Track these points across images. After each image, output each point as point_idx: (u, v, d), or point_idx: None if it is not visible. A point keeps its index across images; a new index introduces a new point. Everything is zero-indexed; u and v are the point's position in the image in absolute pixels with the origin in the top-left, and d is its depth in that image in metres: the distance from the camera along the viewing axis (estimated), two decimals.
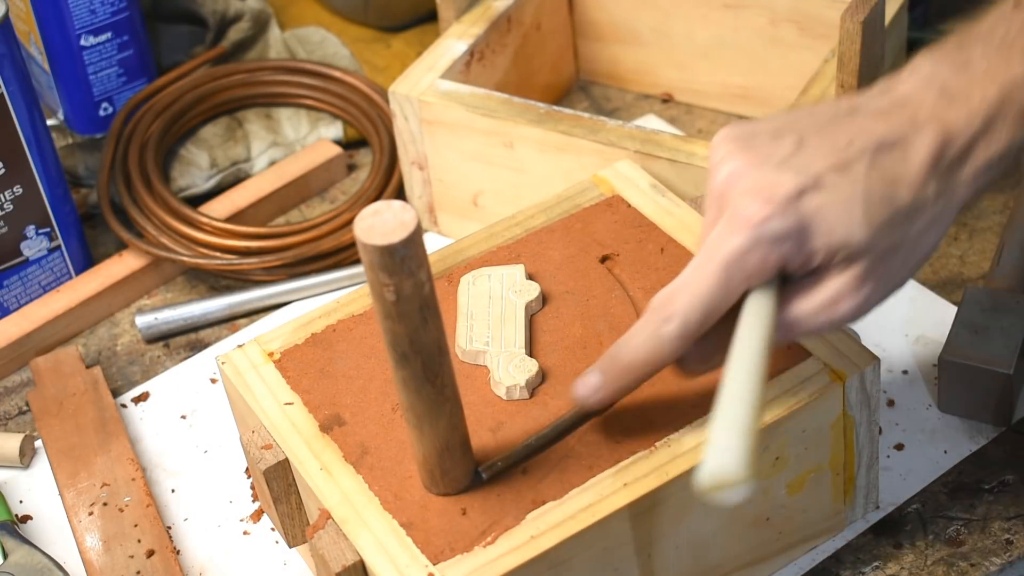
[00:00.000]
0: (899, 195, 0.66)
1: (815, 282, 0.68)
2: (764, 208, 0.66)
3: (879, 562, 0.82)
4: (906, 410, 0.90)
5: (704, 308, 0.67)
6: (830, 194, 0.66)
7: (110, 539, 0.87)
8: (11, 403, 1.00)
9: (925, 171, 0.67)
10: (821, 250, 0.66)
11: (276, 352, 0.83)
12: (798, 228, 0.66)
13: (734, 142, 0.69)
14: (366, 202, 1.08)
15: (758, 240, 0.66)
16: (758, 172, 0.67)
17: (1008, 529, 0.83)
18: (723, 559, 0.79)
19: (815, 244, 0.66)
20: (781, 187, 0.66)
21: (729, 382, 0.65)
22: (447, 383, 0.69)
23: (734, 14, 1.09)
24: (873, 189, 0.66)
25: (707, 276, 0.67)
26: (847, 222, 0.66)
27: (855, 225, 0.66)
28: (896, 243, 0.67)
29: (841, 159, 0.67)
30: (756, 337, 0.67)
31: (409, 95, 1.01)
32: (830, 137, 0.67)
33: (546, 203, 0.91)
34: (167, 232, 1.07)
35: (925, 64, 0.69)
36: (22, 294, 1.05)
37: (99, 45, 1.12)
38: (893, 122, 0.67)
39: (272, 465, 0.77)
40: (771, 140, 0.68)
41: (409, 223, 0.62)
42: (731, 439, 0.62)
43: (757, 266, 0.67)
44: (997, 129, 0.67)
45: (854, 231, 0.66)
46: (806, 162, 0.67)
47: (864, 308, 0.68)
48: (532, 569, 0.70)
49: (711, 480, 0.62)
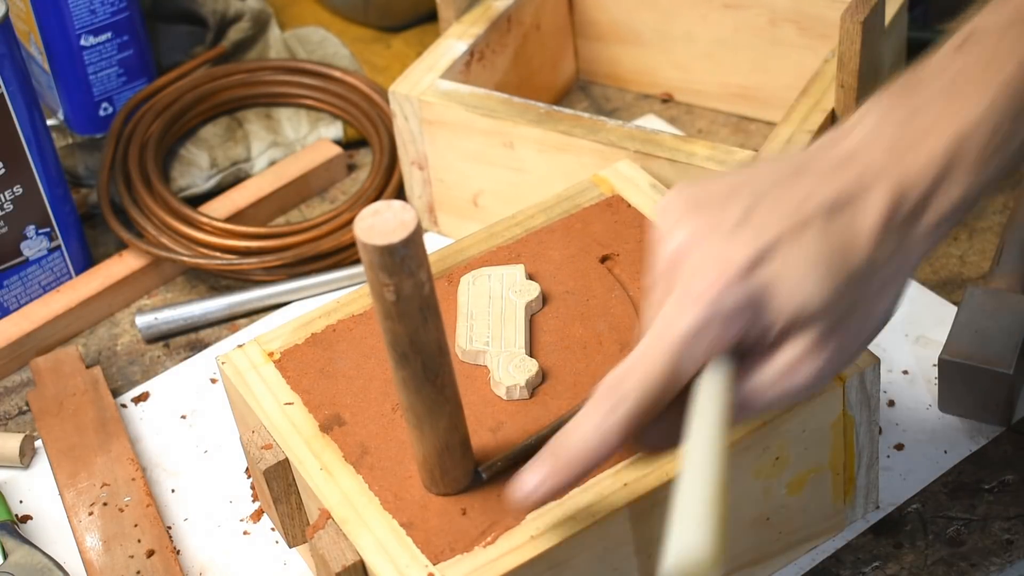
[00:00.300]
0: (854, 256, 0.64)
1: (772, 351, 0.65)
2: (716, 283, 0.63)
3: (879, 562, 0.82)
4: (906, 410, 0.90)
5: (656, 391, 0.64)
6: (784, 261, 0.63)
7: (110, 539, 0.87)
8: (11, 403, 1.00)
9: (879, 230, 0.64)
10: (778, 320, 0.64)
11: (276, 352, 0.83)
12: (753, 300, 0.63)
13: (684, 207, 0.66)
14: (366, 202, 1.08)
15: (712, 317, 0.63)
16: (708, 243, 0.64)
17: (1008, 529, 0.83)
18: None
19: (771, 315, 0.63)
20: (733, 259, 0.63)
21: (688, 464, 0.61)
22: (447, 383, 0.69)
23: (734, 14, 1.09)
24: (827, 252, 0.64)
25: (658, 357, 0.64)
26: (803, 288, 0.63)
27: (811, 290, 0.63)
28: (853, 304, 0.64)
29: (793, 223, 0.64)
30: (712, 413, 0.63)
31: (409, 95, 1.01)
32: (781, 199, 0.65)
33: (546, 203, 0.91)
34: (167, 232, 1.07)
35: (872, 115, 0.66)
36: (22, 294, 1.05)
37: (99, 45, 1.12)
38: (843, 180, 0.65)
39: (272, 465, 0.77)
40: (721, 204, 0.65)
41: (409, 223, 0.62)
42: (694, 526, 0.59)
43: (712, 344, 0.63)
44: (952, 180, 0.64)
45: (811, 297, 0.63)
46: (757, 229, 0.64)
47: (823, 374, 0.65)
48: (532, 569, 0.70)
49: (677, 570, 0.58)
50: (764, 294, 0.63)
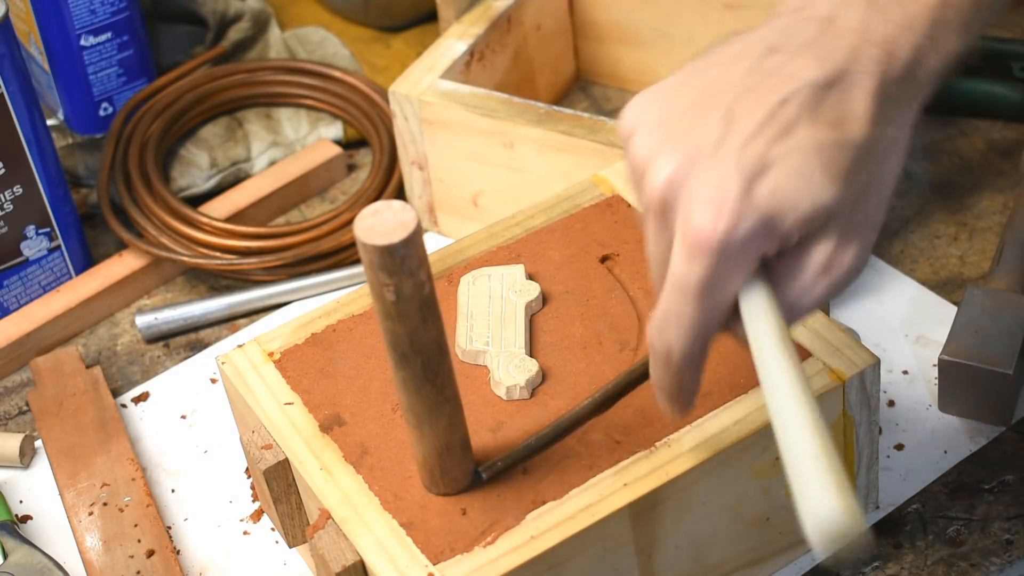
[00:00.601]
0: (851, 137, 0.60)
1: (801, 254, 0.62)
2: (719, 220, 0.59)
3: (879, 562, 0.82)
4: (906, 410, 0.90)
5: (698, 337, 0.62)
6: (781, 169, 0.59)
7: (110, 539, 0.87)
8: (11, 403, 1.00)
9: (873, 103, 0.60)
10: (795, 228, 0.60)
11: (276, 352, 0.83)
12: (762, 222, 0.59)
13: (658, 129, 0.62)
14: (366, 202, 1.08)
15: (724, 257, 0.60)
16: (698, 173, 0.60)
17: (1008, 529, 0.83)
18: (723, 559, 0.79)
19: (786, 226, 0.60)
20: (728, 187, 0.59)
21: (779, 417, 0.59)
22: (447, 383, 0.69)
23: (734, 14, 1.09)
24: (823, 143, 0.59)
25: (688, 309, 0.62)
26: (810, 190, 0.59)
27: (819, 188, 0.59)
28: (865, 185, 0.61)
29: (779, 125, 0.59)
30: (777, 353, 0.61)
31: (409, 95, 1.01)
32: (759, 99, 0.60)
33: (546, 203, 0.91)
34: (167, 232, 1.07)
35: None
36: (22, 294, 1.05)
37: (99, 45, 1.12)
38: (824, 56, 0.60)
39: (272, 465, 0.77)
40: (696, 119, 0.61)
41: (409, 223, 0.62)
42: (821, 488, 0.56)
43: (733, 278, 0.61)
44: (941, 39, 0.60)
45: (820, 194, 0.59)
46: (742, 141, 0.59)
47: (860, 258, 0.62)
48: (532, 569, 0.70)
49: (826, 537, 0.55)
50: (772, 210, 0.59)
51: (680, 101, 0.62)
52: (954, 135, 1.11)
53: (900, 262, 1.01)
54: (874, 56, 0.60)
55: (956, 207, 1.05)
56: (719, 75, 0.62)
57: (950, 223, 1.04)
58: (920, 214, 1.05)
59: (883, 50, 0.60)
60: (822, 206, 0.60)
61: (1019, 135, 1.11)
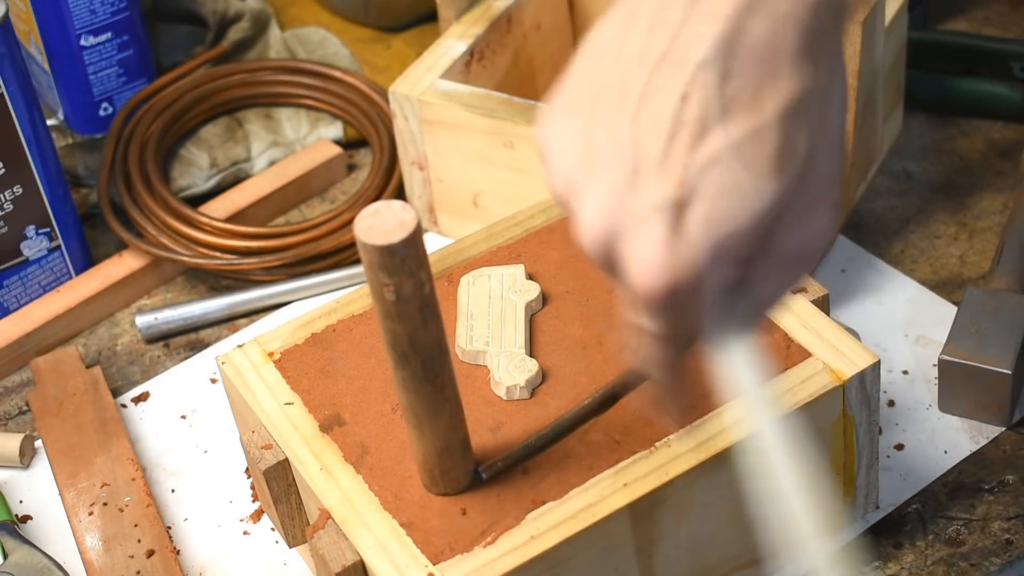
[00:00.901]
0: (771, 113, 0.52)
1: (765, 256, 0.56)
2: (657, 278, 0.53)
3: (879, 562, 0.82)
4: (906, 410, 0.90)
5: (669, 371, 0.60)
6: (705, 191, 0.53)
7: (110, 539, 0.87)
8: (11, 403, 1.00)
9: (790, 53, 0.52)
10: (744, 247, 0.54)
11: (276, 352, 0.83)
12: (706, 259, 0.53)
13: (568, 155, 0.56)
14: (366, 202, 1.08)
15: (677, 307, 0.55)
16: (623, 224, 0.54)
17: (1008, 529, 0.83)
18: (723, 559, 0.79)
19: (734, 251, 0.54)
20: (655, 236, 0.53)
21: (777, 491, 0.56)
22: (447, 383, 0.69)
23: None
24: (741, 138, 0.52)
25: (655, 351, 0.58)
26: (743, 202, 0.53)
27: (753, 195, 0.53)
28: (807, 152, 0.54)
29: (689, 132, 0.53)
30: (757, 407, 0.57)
31: (409, 95, 1.01)
32: (659, 103, 0.53)
33: (546, 203, 0.91)
34: (167, 232, 1.07)
35: None
36: (22, 294, 1.05)
37: (99, 45, 1.12)
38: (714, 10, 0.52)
39: (272, 465, 0.77)
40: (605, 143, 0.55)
41: (409, 223, 0.62)
42: None
43: (695, 319, 0.56)
44: None
45: (757, 201, 0.53)
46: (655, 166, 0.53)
47: (830, 227, 0.56)
48: (532, 569, 0.70)
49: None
50: (710, 243, 0.53)
51: (582, 111, 0.57)
52: (954, 135, 1.11)
53: (900, 262, 1.01)
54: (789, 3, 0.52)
55: (956, 207, 1.05)
56: (613, 65, 0.56)
57: (950, 223, 1.04)
58: (920, 214, 1.05)
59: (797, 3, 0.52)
60: (763, 211, 0.53)
61: (1019, 135, 1.11)
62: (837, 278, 1.00)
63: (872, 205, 1.05)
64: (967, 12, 1.23)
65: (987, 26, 1.21)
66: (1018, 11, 1.23)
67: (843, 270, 1.00)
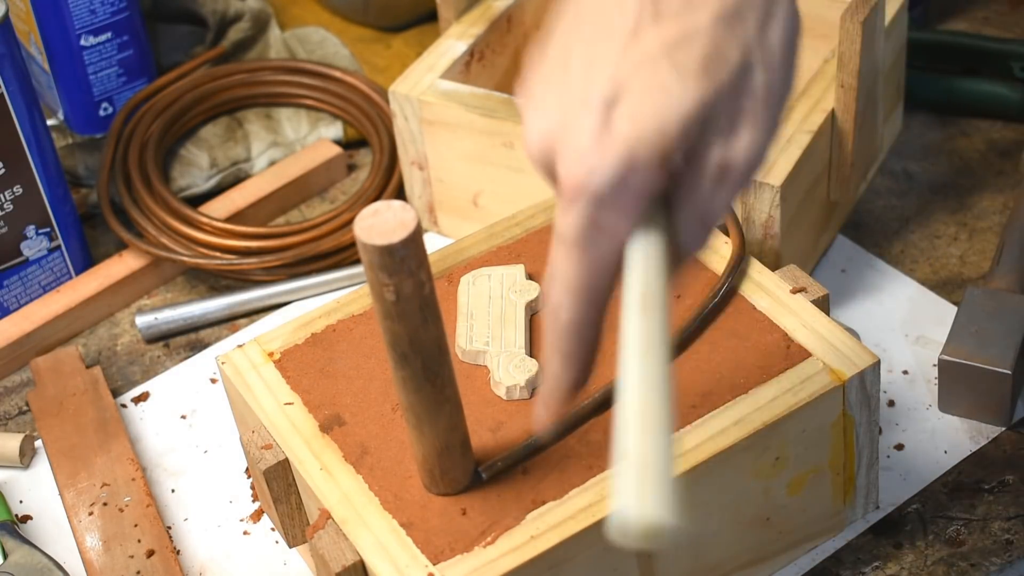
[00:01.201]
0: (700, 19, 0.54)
1: (691, 168, 0.56)
2: (581, 166, 0.54)
3: (879, 562, 0.82)
4: (906, 410, 0.90)
5: (583, 298, 0.58)
6: (634, 90, 0.54)
7: (110, 539, 0.87)
8: (11, 403, 1.00)
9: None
10: (670, 148, 0.54)
11: (276, 352, 0.83)
12: (629, 155, 0.54)
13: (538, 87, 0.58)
14: (366, 202, 1.08)
15: (598, 203, 0.55)
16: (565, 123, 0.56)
17: (1008, 529, 0.83)
18: (723, 559, 0.79)
19: (663, 150, 0.54)
20: (585, 128, 0.54)
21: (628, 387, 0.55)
22: (447, 383, 0.69)
23: None
24: (671, 40, 0.54)
25: (569, 265, 0.57)
26: (668, 101, 0.53)
27: (679, 96, 0.53)
28: (739, 64, 0.55)
29: (622, 36, 0.54)
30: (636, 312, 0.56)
31: (409, 95, 1.01)
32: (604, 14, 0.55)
33: (546, 203, 0.91)
34: (167, 232, 1.07)
35: None
36: (22, 294, 1.05)
37: (99, 45, 1.12)
38: None
39: (272, 465, 0.77)
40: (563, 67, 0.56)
41: (409, 223, 0.62)
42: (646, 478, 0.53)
43: (614, 226, 0.56)
44: None
45: (682, 102, 0.53)
46: (593, 69, 0.55)
47: (760, 145, 0.56)
48: (532, 569, 0.70)
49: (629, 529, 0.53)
50: (635, 139, 0.54)
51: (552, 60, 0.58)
52: (954, 135, 1.11)
53: (900, 262, 1.01)
54: None
55: (956, 207, 1.05)
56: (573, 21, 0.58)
57: (950, 223, 1.04)
58: (920, 214, 1.05)
59: None
60: (689, 113, 0.54)
61: (1019, 135, 1.11)
62: (837, 278, 1.00)
63: (872, 205, 1.05)
64: (967, 12, 1.23)
65: (987, 26, 1.21)
66: (1018, 11, 1.23)
67: (843, 270, 1.00)
